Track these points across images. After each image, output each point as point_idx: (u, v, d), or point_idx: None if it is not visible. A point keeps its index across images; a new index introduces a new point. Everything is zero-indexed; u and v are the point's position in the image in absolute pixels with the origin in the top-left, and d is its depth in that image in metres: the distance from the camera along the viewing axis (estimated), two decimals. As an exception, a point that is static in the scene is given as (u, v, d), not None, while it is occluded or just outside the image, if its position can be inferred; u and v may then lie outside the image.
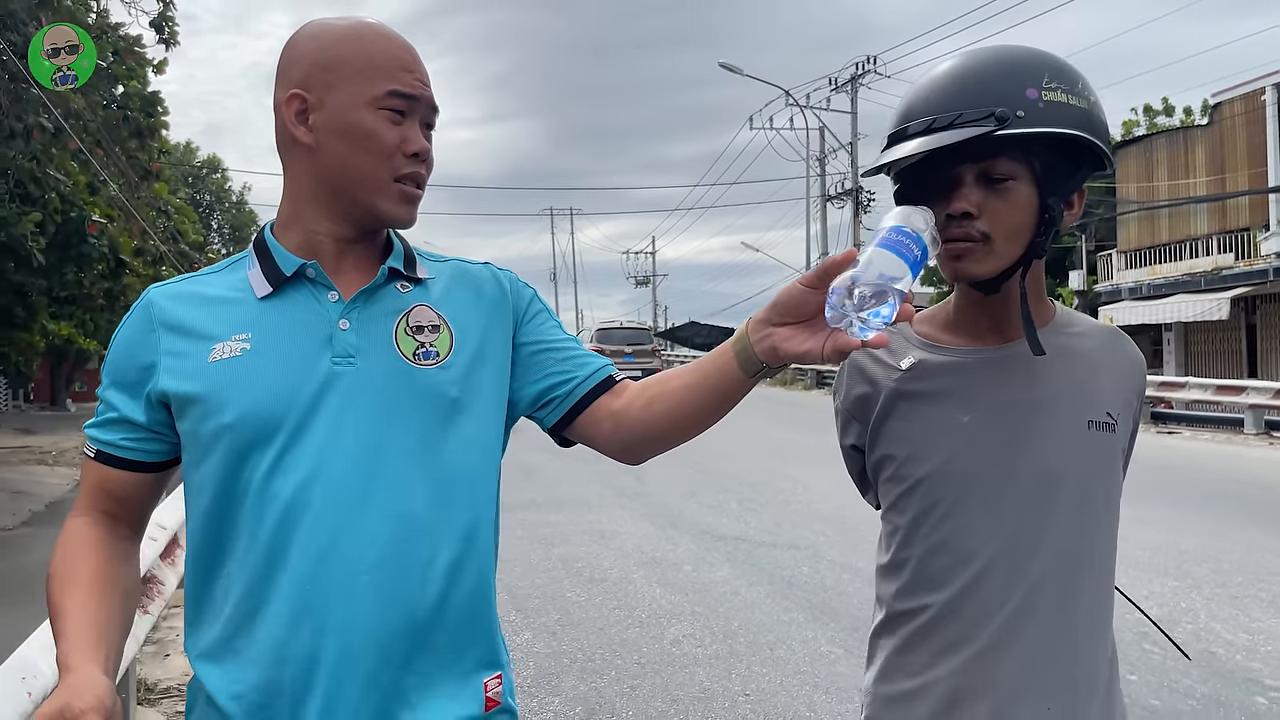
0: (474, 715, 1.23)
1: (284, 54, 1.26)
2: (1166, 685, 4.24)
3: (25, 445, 22.91)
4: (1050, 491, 1.29)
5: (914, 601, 1.33)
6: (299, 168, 1.26)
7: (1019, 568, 1.28)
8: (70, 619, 1.13)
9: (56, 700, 1.02)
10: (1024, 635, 1.28)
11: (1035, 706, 1.28)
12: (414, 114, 1.23)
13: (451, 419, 1.25)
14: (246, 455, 1.19)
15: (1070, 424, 1.31)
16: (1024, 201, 1.25)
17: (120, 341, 1.27)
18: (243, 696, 1.17)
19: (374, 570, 1.17)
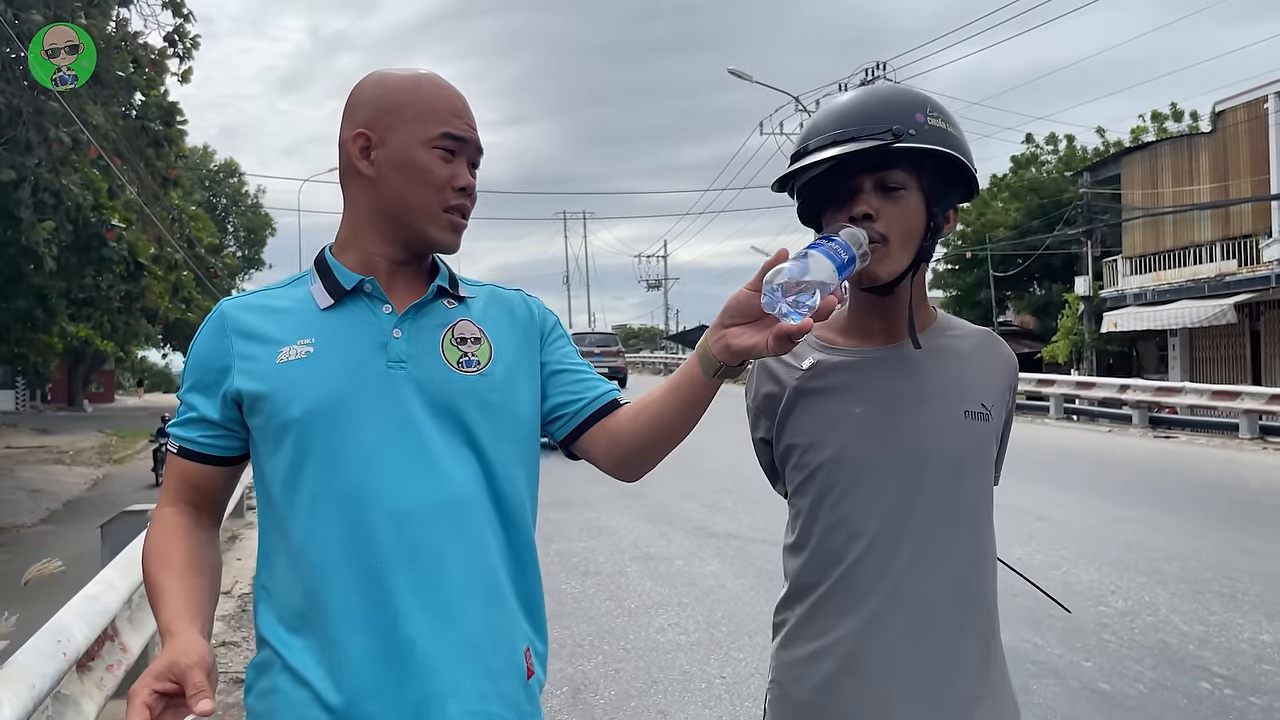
0: (520, 680, 1.39)
1: (351, 97, 1.43)
2: (1118, 671, 4.50)
3: (43, 445, 23.32)
4: (928, 473, 1.48)
5: (815, 575, 1.52)
6: (360, 196, 1.42)
7: (900, 541, 1.48)
8: (169, 593, 1.29)
9: (165, 658, 1.16)
10: (906, 601, 1.47)
11: (917, 665, 1.46)
12: (463, 154, 1.41)
13: (491, 420, 1.40)
14: (310, 446, 1.33)
15: (948, 414, 1.51)
16: (914, 209, 1.45)
17: (197, 349, 1.42)
18: (324, 661, 1.31)
19: (436, 549, 1.32)
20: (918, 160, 1.44)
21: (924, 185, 1.45)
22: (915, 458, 1.48)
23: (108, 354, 34.01)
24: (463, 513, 1.35)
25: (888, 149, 1.40)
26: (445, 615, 1.32)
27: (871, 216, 1.42)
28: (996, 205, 34.20)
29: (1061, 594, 5.78)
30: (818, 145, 1.44)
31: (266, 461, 1.37)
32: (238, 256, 42.27)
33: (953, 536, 1.49)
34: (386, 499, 1.32)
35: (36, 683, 2.25)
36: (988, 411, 1.53)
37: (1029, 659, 4.66)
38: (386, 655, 1.30)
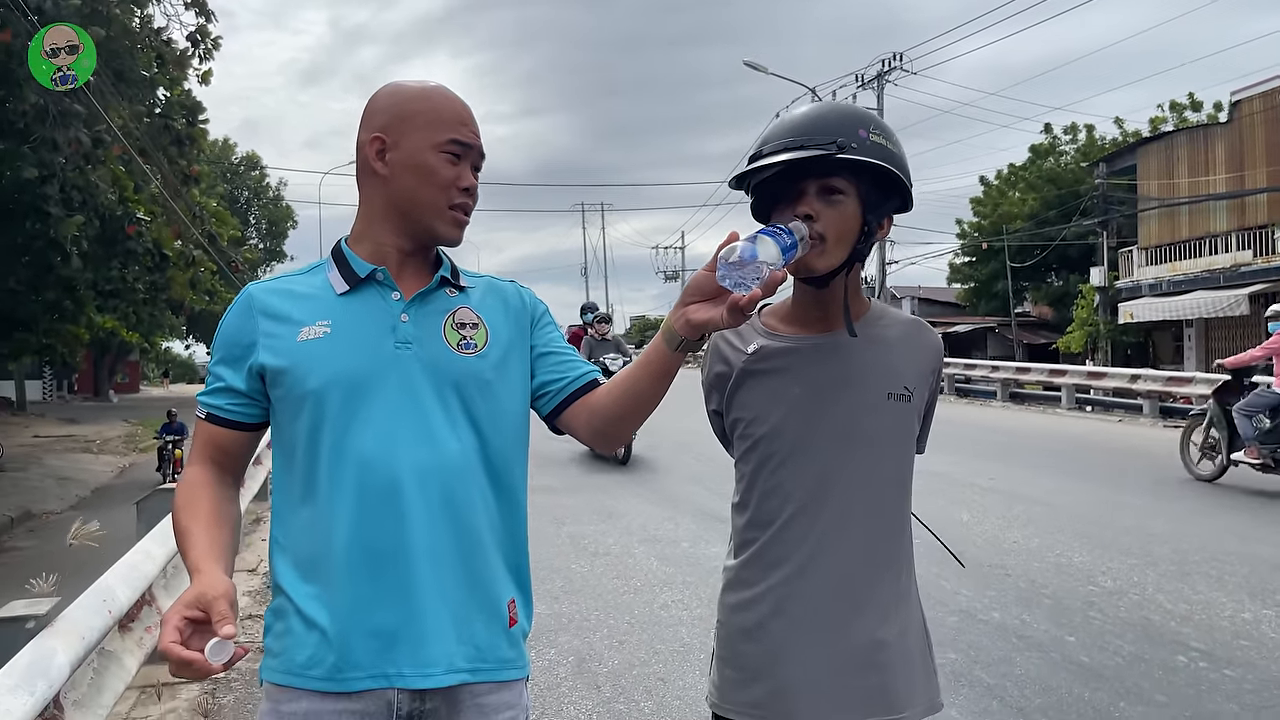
0: (501, 628, 1.57)
1: (368, 105, 1.61)
2: (1098, 645, 4.71)
3: (70, 434, 23.76)
4: (852, 447, 1.70)
5: (754, 532, 1.76)
6: (375, 193, 1.59)
7: (824, 505, 1.70)
8: (196, 538, 1.47)
9: (193, 591, 1.34)
10: (828, 557, 1.70)
11: (836, 611, 1.69)
12: (467, 158, 1.59)
13: (486, 396, 1.58)
14: (325, 415, 1.51)
15: (874, 395, 1.72)
16: (851, 214, 1.63)
17: (226, 327, 1.59)
18: (331, 602, 1.49)
19: (431, 508, 1.50)
20: (858, 171, 1.63)
21: (862, 193, 1.64)
22: (842, 434, 1.70)
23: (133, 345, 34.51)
24: (458, 477, 1.54)
25: (831, 158, 1.60)
26: (437, 567, 1.51)
27: (812, 217, 1.61)
28: (1013, 196, 34.19)
29: (1053, 575, 5.99)
30: (771, 150, 1.64)
31: (286, 428, 1.55)
32: (260, 249, 42.72)
33: (872, 501, 1.72)
34: (392, 464, 1.50)
35: (86, 635, 2.50)
36: (909, 393, 1.74)
37: (1015, 634, 4.87)
38: (385, 600, 1.49)
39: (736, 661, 1.78)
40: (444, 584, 1.52)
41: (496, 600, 1.58)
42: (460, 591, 1.53)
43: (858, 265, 1.72)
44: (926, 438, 1.88)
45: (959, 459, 10.21)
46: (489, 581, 1.57)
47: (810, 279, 1.69)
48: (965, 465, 10.10)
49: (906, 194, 1.72)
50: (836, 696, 1.70)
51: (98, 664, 2.81)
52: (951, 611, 5.25)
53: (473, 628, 1.54)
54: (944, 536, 2.07)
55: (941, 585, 5.73)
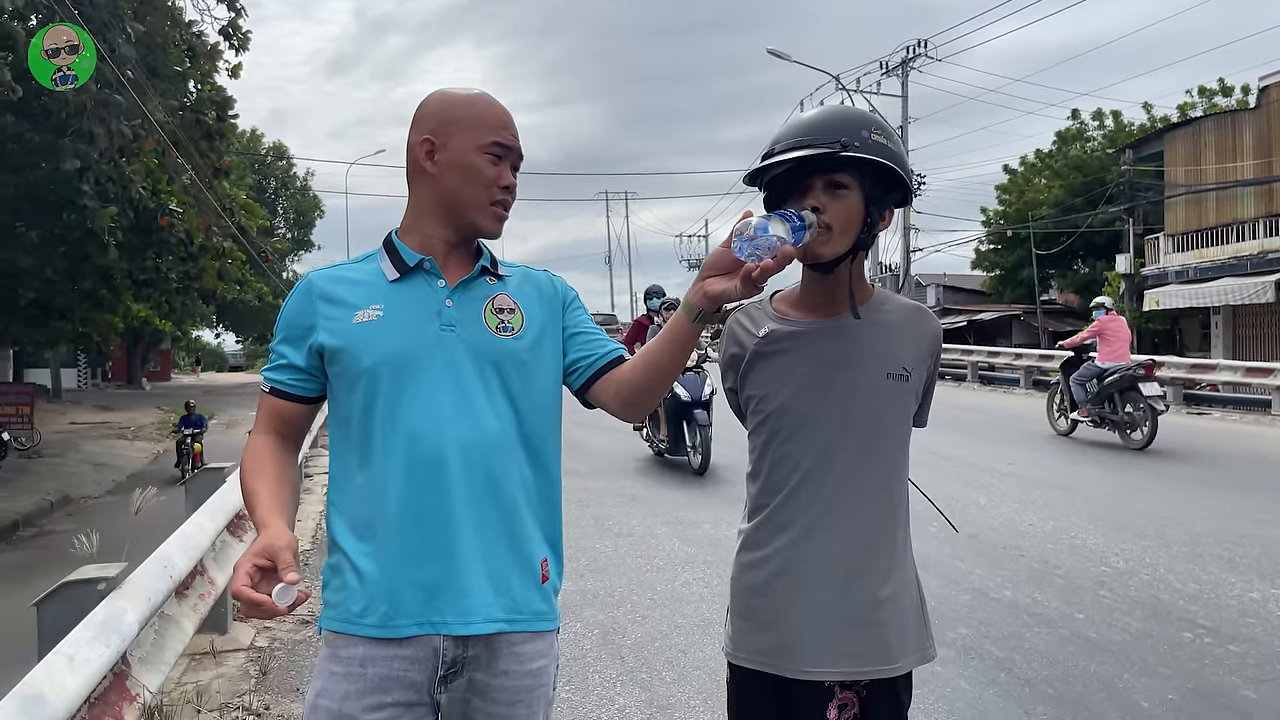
0: (535, 584, 1.74)
1: (419, 110, 1.78)
2: (1106, 622, 4.86)
3: (105, 421, 24.27)
4: (853, 423, 1.87)
5: (765, 498, 1.94)
6: (423, 190, 1.76)
7: (827, 475, 1.87)
8: (262, 496, 1.65)
9: (261, 542, 1.51)
10: (830, 522, 1.87)
11: (836, 571, 1.86)
12: (507, 159, 1.76)
13: (522, 375, 1.74)
14: (378, 390, 1.67)
15: (874, 375, 1.89)
16: (854, 206, 1.81)
17: (288, 310, 1.77)
18: (383, 559, 1.66)
19: (472, 475, 1.67)
20: (860, 167, 1.80)
21: (865, 188, 1.81)
22: (843, 410, 1.87)
23: (165, 333, 35.05)
24: (497, 448, 1.70)
25: (836, 156, 1.77)
26: (478, 529, 1.68)
27: (820, 209, 1.78)
28: (1039, 183, 34.02)
29: (1066, 555, 6.13)
30: (782, 149, 1.81)
31: (343, 402, 1.72)
32: (288, 238, 43.18)
33: (870, 472, 1.89)
34: (438, 435, 1.66)
35: (151, 596, 2.72)
36: (908, 373, 1.90)
37: (1026, 611, 5.03)
38: (431, 557, 1.66)
39: (748, 614, 1.96)
40: (483, 544, 1.69)
41: (531, 559, 1.75)
42: (498, 551, 1.70)
43: (861, 254, 1.89)
44: (927, 414, 2.04)
45: (979, 445, 10.33)
46: (524, 542, 1.74)
47: (817, 266, 1.86)
48: (985, 451, 10.22)
49: (906, 189, 1.89)
50: (838, 647, 1.87)
51: (159, 626, 3.03)
52: (965, 590, 5.41)
53: (509, 583, 1.72)
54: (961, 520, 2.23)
55: (956, 565, 5.89)
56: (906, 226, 31.44)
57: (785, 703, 1.92)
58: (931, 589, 5.33)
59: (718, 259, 1.58)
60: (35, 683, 1.98)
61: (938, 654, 2.06)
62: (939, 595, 5.30)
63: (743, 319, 2.01)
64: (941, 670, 4.21)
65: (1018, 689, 4.03)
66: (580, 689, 4.10)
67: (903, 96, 31.67)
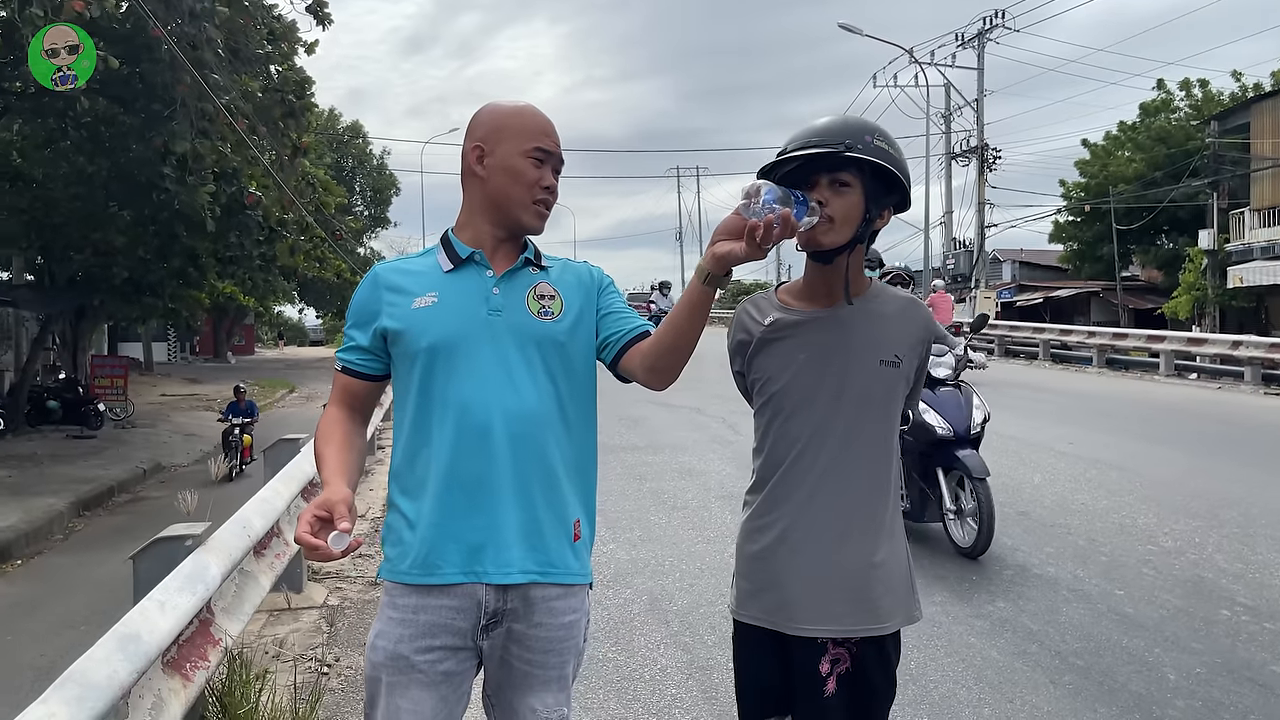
0: (568, 541, 1.95)
1: (471, 120, 2.00)
2: (1146, 599, 4.94)
3: (193, 393, 25.31)
4: (845, 404, 2.07)
5: (767, 471, 2.14)
6: (474, 191, 1.99)
7: (821, 450, 2.07)
8: (328, 460, 1.89)
9: (322, 497, 1.72)
10: (825, 492, 2.07)
11: (830, 539, 2.06)
12: (549, 162, 1.97)
13: (560, 355, 1.95)
14: (434, 368, 1.89)
15: (867, 361, 2.08)
16: (855, 202, 2.01)
17: (357, 298, 2.00)
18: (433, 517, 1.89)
19: (515, 443, 1.88)
20: (862, 167, 2.00)
21: (865, 187, 2.01)
22: (837, 392, 2.06)
23: (249, 309, 36.25)
24: (537, 419, 1.92)
25: (839, 155, 1.97)
26: (517, 491, 1.89)
27: (823, 203, 1.98)
28: (1121, 156, 33.15)
29: (1114, 534, 6.19)
30: (794, 149, 2.02)
31: (403, 379, 1.96)
32: (365, 216, 44.15)
33: (861, 449, 2.08)
34: (485, 408, 1.88)
35: (232, 553, 3.04)
36: (899, 361, 2.09)
37: (1066, 587, 5.14)
38: (474, 515, 1.88)
39: (750, 577, 2.17)
40: (521, 504, 1.90)
41: (565, 520, 1.95)
42: (534, 511, 1.91)
43: (859, 247, 2.08)
44: (918, 400, 2.23)
45: (1041, 424, 10.31)
46: (559, 504, 1.94)
47: (819, 256, 2.05)
48: (1047, 430, 10.21)
49: (905, 193, 2.08)
50: (830, 608, 2.07)
51: (239, 580, 3.36)
52: (1007, 566, 5.53)
53: (544, 540, 1.92)
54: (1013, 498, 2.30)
55: (1002, 542, 6.00)
56: (981, 202, 30.94)
57: (783, 656, 2.13)
58: (973, 564, 5.50)
59: (728, 225, 1.72)
60: (132, 623, 2.29)
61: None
62: (981, 571, 5.44)
63: (750, 308, 2.21)
64: (975, 641, 4.38)
65: (1047, 659, 4.17)
66: (625, 649, 4.36)
67: (978, 69, 31.09)
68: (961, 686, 3.92)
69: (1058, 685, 3.92)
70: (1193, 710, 3.68)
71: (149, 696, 2.37)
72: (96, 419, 18.85)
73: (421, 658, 1.91)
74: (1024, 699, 3.80)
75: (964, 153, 32.06)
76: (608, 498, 7.43)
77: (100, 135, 15.91)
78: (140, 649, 2.19)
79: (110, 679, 2.01)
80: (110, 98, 14.17)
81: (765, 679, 2.16)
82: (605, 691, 3.93)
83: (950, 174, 33.35)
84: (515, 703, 1.99)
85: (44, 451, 16.49)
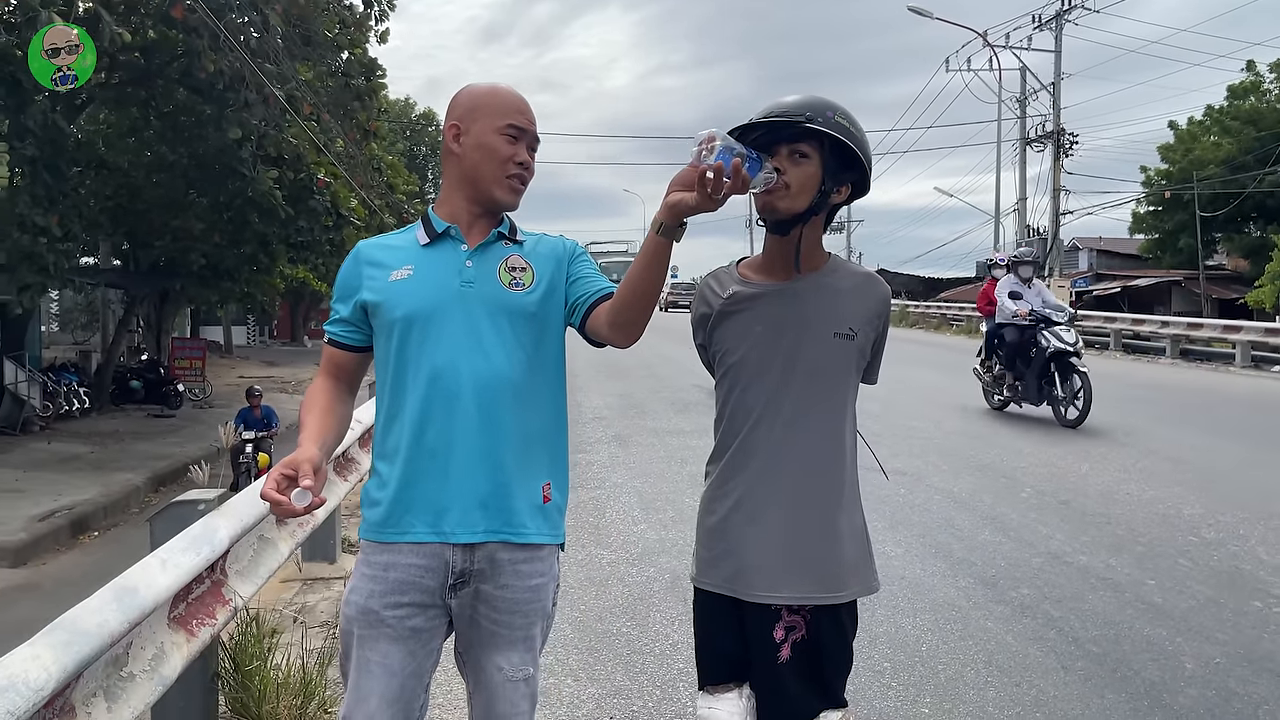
0: (536, 504, 2.03)
1: (450, 102, 2.08)
2: (1177, 589, 4.85)
3: (270, 375, 26.10)
4: (801, 374, 2.11)
5: (726, 440, 2.20)
6: (452, 169, 2.07)
7: (776, 419, 2.12)
8: (306, 426, 1.98)
9: (289, 456, 1.81)
10: (781, 462, 2.11)
11: (784, 506, 2.11)
12: (523, 139, 2.05)
13: (530, 325, 2.03)
14: (408, 337, 1.97)
15: (821, 333, 2.12)
16: (812, 173, 2.06)
17: (341, 273, 2.11)
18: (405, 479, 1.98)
19: (483, 408, 1.96)
20: (821, 141, 2.05)
21: (824, 161, 2.07)
22: (789, 362, 2.11)
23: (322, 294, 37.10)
24: (506, 386, 1.99)
25: (799, 126, 2.04)
26: (485, 452, 1.97)
27: (781, 170, 2.04)
28: (1206, 141, 31.99)
29: (1155, 524, 6.07)
30: (759, 118, 2.07)
31: (381, 348, 2.05)
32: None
33: (815, 420, 2.13)
34: (455, 373, 1.96)
35: (244, 518, 3.19)
36: (854, 333, 2.13)
37: (1096, 575, 5.07)
38: (443, 473, 1.96)
39: (709, 545, 2.23)
40: (489, 468, 1.98)
41: (534, 483, 2.03)
42: (502, 475, 1.99)
43: (816, 220, 2.13)
44: (876, 372, 2.26)
45: (1100, 414, 10.06)
46: (527, 469, 2.02)
47: (776, 226, 2.11)
48: (1104, 420, 9.99)
49: (864, 173, 2.12)
50: (785, 575, 2.12)
51: (257, 546, 3.52)
52: (1038, 553, 5.47)
53: (511, 503, 2.00)
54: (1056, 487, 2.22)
55: (1037, 529, 5.94)
56: (1056, 188, 30.18)
57: (740, 622, 2.18)
58: (1004, 551, 5.48)
59: (682, 177, 1.76)
60: (131, 577, 2.44)
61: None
62: (1010, 558, 5.39)
63: (712, 282, 2.27)
64: (992, 626, 4.36)
65: (1063, 645, 4.14)
66: (640, 625, 4.44)
67: (1056, 51, 30.22)
68: (970, 669, 3.92)
69: (1069, 671, 3.89)
70: (1204, 699, 3.63)
71: (150, 648, 2.52)
72: (176, 399, 19.59)
73: (390, 613, 2.00)
74: (1032, 683, 3.78)
75: (1039, 138, 31.26)
76: (647, 479, 7.52)
77: (180, 124, 16.48)
78: (135, 601, 2.33)
79: (100, 627, 2.14)
80: (189, 88, 14.66)
81: (724, 646, 2.21)
82: (614, 664, 4.02)
83: (1024, 160, 32.58)
84: (483, 661, 2.07)
85: (125, 429, 17.23)
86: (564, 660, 4.05)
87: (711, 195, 1.71)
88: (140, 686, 2.38)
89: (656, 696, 3.72)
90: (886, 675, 3.87)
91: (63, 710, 2.06)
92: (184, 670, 2.62)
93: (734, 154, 1.71)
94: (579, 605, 4.72)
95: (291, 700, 3.26)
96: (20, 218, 12.08)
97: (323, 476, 1.88)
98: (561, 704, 3.66)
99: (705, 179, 1.69)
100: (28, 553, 10.31)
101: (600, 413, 11.02)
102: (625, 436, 9.55)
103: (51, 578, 9.68)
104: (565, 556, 5.62)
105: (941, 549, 5.60)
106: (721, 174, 1.69)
